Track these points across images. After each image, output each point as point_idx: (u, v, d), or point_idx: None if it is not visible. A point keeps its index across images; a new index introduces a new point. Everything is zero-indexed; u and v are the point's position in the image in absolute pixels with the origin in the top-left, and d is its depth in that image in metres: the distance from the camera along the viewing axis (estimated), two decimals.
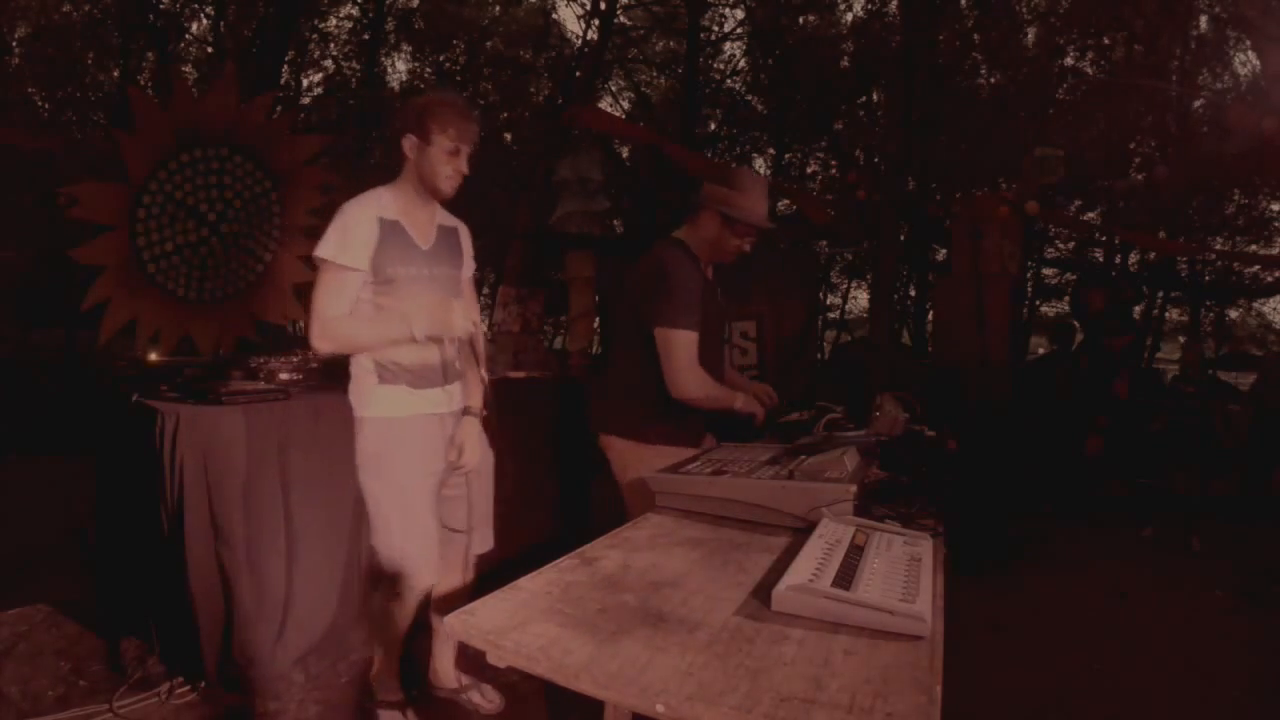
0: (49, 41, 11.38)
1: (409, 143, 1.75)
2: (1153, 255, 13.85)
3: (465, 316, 1.74)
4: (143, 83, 11.14)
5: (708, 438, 2.23)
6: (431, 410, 1.84)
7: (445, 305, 1.73)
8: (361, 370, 1.81)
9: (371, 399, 1.80)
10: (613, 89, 14.43)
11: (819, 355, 12.74)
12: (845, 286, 19.11)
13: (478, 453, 1.89)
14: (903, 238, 9.34)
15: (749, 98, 14.10)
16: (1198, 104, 12.57)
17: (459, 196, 1.89)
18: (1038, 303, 16.36)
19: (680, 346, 1.95)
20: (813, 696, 0.78)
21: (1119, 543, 4.77)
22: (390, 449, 1.80)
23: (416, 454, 1.81)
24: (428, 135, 1.73)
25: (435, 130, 1.73)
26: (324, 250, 1.72)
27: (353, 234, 1.71)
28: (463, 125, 1.74)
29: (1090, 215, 14.48)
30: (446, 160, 1.75)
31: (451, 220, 1.96)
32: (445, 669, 2.16)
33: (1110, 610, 3.48)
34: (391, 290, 1.76)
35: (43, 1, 12.63)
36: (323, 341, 1.73)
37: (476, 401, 1.90)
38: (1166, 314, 16.59)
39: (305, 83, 14.23)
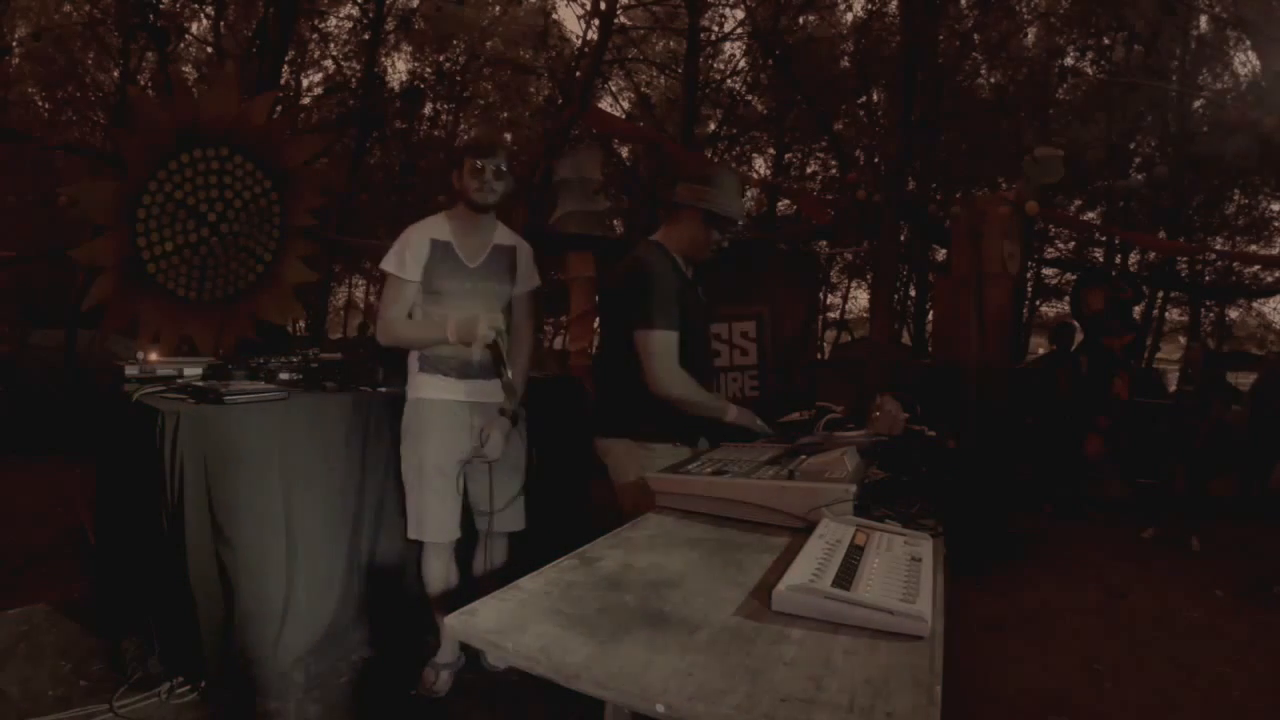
0: (49, 41, 11.37)
1: (453, 177, 2.14)
2: (1153, 255, 13.85)
3: (489, 326, 1.98)
4: (143, 83, 11.13)
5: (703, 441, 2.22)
6: (460, 398, 2.15)
7: (474, 318, 2.00)
8: (411, 359, 2.20)
9: (413, 383, 2.19)
10: (613, 89, 14.43)
11: (819, 355, 12.75)
12: (845, 286, 19.14)
13: (499, 445, 2.16)
14: (903, 238, 9.33)
15: (749, 98, 14.10)
16: (1198, 104, 12.57)
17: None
18: (1038, 303, 16.37)
19: (659, 345, 1.96)
20: (813, 696, 0.78)
21: (1119, 543, 4.77)
22: (418, 425, 2.16)
23: (440, 431, 2.14)
24: (461, 164, 2.12)
25: (464, 159, 2.12)
26: (387, 264, 2.12)
27: (410, 252, 2.10)
28: (480, 147, 2.11)
29: (1090, 215, 14.49)
30: (472, 176, 2.09)
31: (511, 240, 2.26)
32: None
33: (1110, 610, 3.48)
34: (438, 300, 2.12)
35: (43, 1, 12.63)
36: (382, 338, 2.13)
37: (509, 403, 2.16)
38: (1166, 314, 16.59)
39: (305, 83, 14.25)
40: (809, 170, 15.51)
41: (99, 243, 3.32)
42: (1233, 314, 18.96)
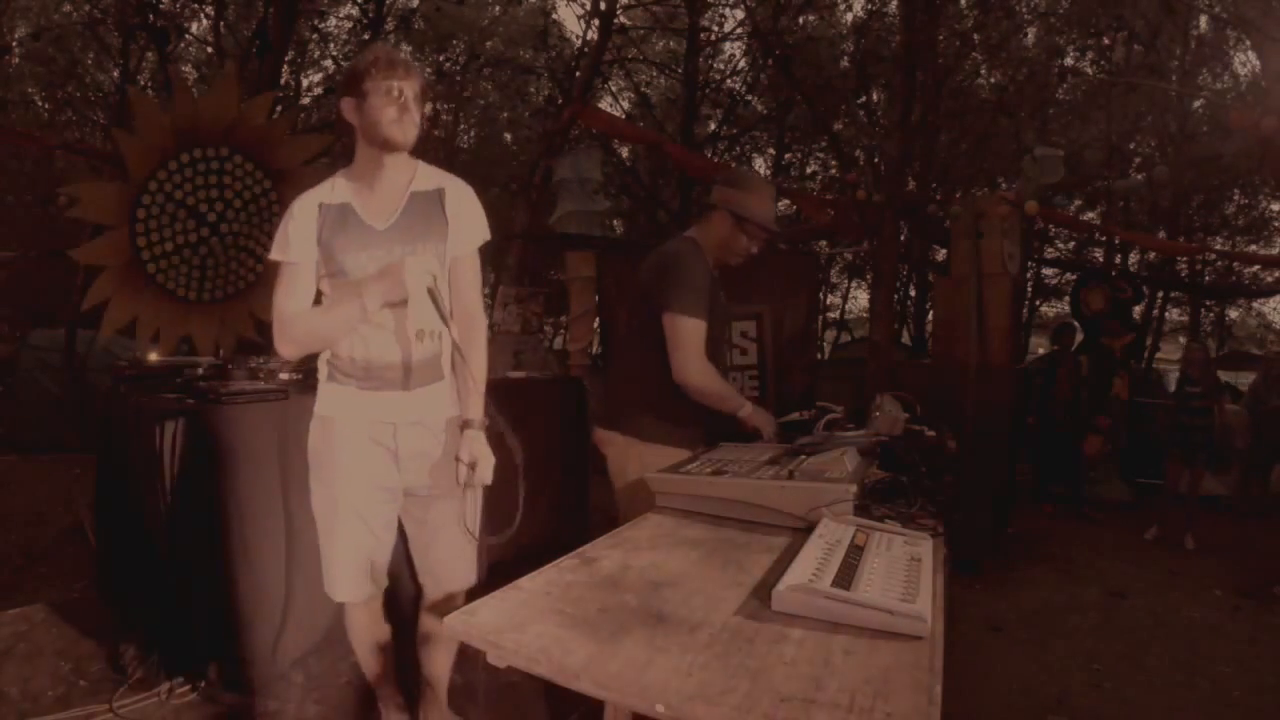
0: (49, 41, 11.37)
1: (348, 106, 1.58)
2: (1153, 255, 13.85)
3: (422, 270, 1.51)
4: (143, 83, 11.12)
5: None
6: (383, 417, 1.63)
7: (394, 266, 1.52)
8: (320, 366, 1.69)
9: (320, 396, 1.68)
10: (613, 89, 14.41)
11: (819, 355, 12.73)
12: (845, 286, 19.12)
13: (490, 470, 1.70)
14: (903, 238, 9.33)
15: (749, 98, 14.09)
16: (1198, 104, 12.57)
17: None
18: (1038, 303, 16.37)
19: (688, 332, 1.94)
20: (813, 696, 0.78)
21: (1119, 543, 4.78)
22: (326, 451, 1.65)
23: (355, 461, 1.63)
24: (361, 89, 1.55)
25: (367, 80, 1.54)
26: (271, 250, 1.62)
27: (291, 225, 1.59)
28: (394, 68, 1.55)
29: (1090, 215, 14.48)
30: (387, 104, 1.54)
31: (437, 182, 1.68)
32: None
33: (1110, 610, 3.48)
34: (345, 282, 1.59)
35: (43, 2, 12.62)
36: (284, 344, 1.60)
37: (477, 413, 1.69)
38: (1166, 314, 16.59)
39: (305, 83, 14.22)
40: (809, 170, 15.49)
41: (99, 243, 3.32)
42: (1233, 314, 18.98)
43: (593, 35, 9.97)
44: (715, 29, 13.08)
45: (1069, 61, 12.10)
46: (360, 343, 1.61)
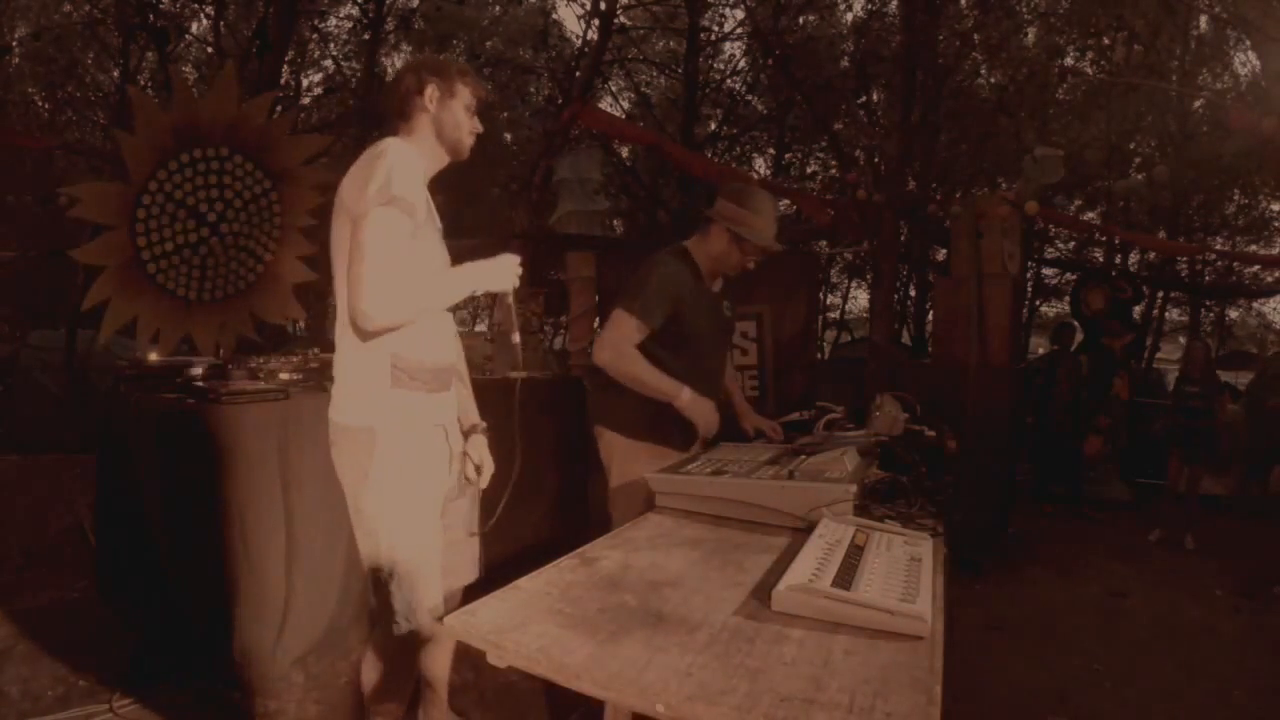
0: (49, 41, 11.37)
1: (431, 91, 1.53)
2: (1153, 255, 13.84)
3: (516, 269, 1.55)
4: (143, 83, 11.11)
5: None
6: (442, 420, 1.62)
7: (499, 258, 1.53)
8: (368, 369, 1.49)
9: (383, 404, 1.49)
10: (613, 89, 14.40)
11: (819, 355, 12.73)
12: (845, 286, 19.11)
13: (490, 472, 1.76)
14: (903, 238, 9.34)
15: (749, 98, 14.09)
16: (1198, 104, 12.57)
17: (458, 196, 1.82)
18: (1038, 303, 16.36)
19: (622, 325, 1.97)
20: (813, 696, 0.78)
21: (1119, 543, 4.77)
22: (410, 465, 1.52)
23: (436, 471, 1.59)
24: (452, 86, 1.55)
25: (461, 82, 1.56)
26: (397, 187, 1.39)
27: (414, 187, 1.46)
28: (481, 89, 1.60)
29: (1090, 215, 14.47)
30: (468, 115, 1.58)
31: None
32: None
33: (1110, 610, 3.48)
34: (416, 264, 1.50)
35: (43, 2, 12.62)
36: (388, 310, 1.40)
37: (477, 418, 1.79)
38: (1166, 314, 16.58)
39: (305, 83, 14.23)
40: (809, 170, 15.48)
41: (99, 243, 3.32)
42: (1233, 314, 18.98)
43: (593, 35, 9.96)
44: (715, 29, 13.08)
45: (1069, 61, 12.09)
46: (427, 345, 1.54)
